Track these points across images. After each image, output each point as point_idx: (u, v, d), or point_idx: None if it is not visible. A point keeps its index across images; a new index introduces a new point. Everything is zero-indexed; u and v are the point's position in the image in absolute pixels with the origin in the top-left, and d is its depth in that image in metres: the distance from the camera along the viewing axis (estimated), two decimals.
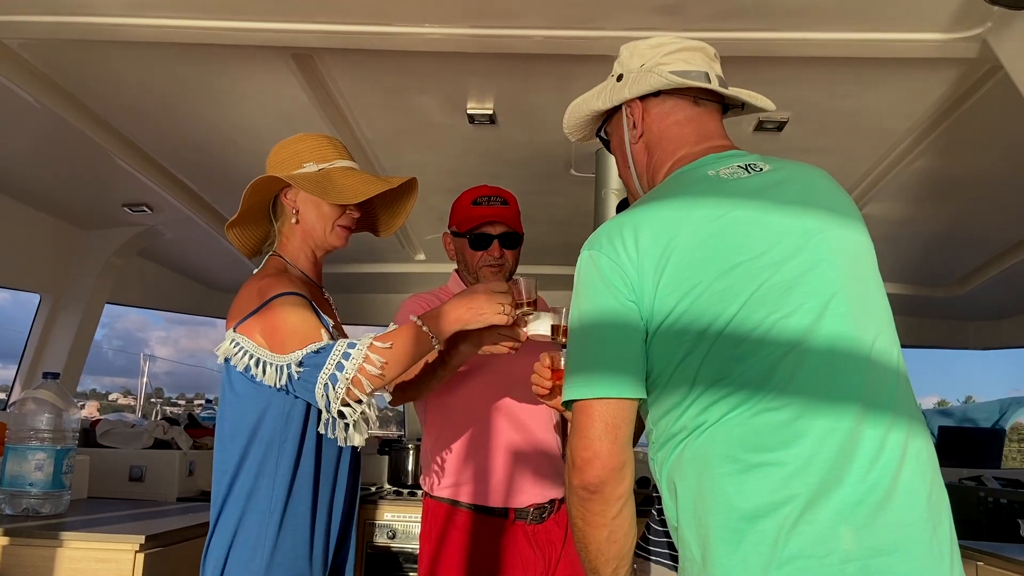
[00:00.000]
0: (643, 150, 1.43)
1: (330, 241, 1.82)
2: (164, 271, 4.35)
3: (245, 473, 1.64)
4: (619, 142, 1.48)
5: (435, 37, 2.09)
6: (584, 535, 1.22)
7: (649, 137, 1.42)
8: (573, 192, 3.19)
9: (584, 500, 1.19)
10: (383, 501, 3.69)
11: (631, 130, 1.44)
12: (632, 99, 1.43)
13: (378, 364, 1.56)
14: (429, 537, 2.16)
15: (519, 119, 2.67)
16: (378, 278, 4.38)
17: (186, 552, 2.44)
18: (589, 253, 1.26)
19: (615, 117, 1.48)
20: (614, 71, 1.49)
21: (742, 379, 1.13)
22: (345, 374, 1.54)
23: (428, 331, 1.64)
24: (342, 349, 1.56)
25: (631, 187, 1.48)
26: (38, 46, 2.22)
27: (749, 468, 1.10)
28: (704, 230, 1.21)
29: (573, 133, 1.59)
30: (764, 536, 1.07)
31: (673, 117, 1.41)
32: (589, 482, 1.18)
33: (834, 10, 1.93)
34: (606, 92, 1.47)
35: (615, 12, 1.99)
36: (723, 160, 1.34)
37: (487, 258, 2.22)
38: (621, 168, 1.50)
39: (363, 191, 1.76)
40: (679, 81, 1.39)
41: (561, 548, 2.18)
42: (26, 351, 3.62)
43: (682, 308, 1.17)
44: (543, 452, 2.21)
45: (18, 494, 2.54)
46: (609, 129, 1.51)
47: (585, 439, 1.19)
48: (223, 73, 2.39)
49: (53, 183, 3.16)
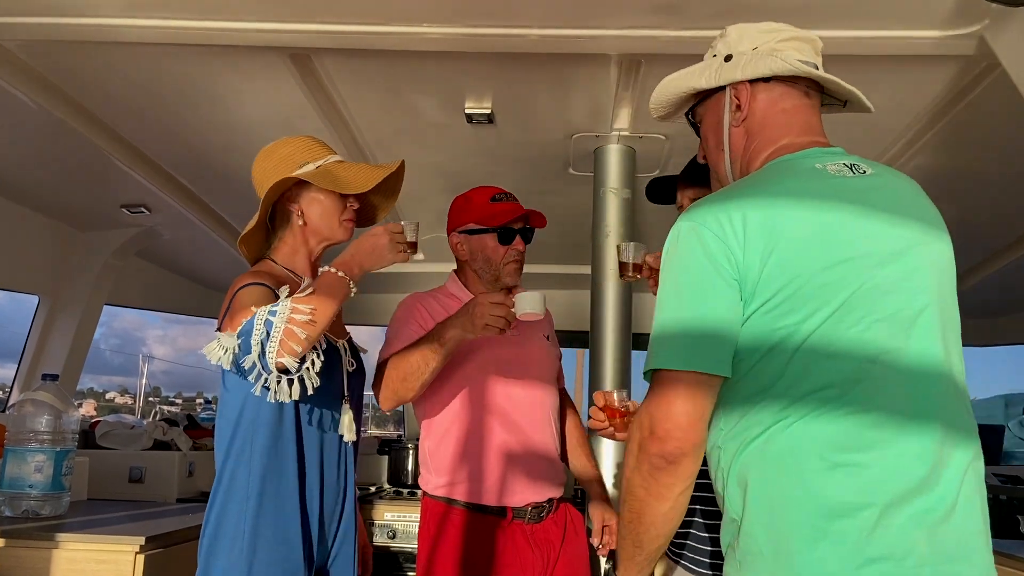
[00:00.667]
0: (743, 134, 1.39)
1: (338, 235, 1.89)
2: (162, 272, 4.34)
3: (230, 463, 1.70)
4: (715, 123, 1.43)
5: (433, 37, 2.09)
6: (643, 506, 1.21)
7: (752, 122, 1.39)
8: (571, 191, 3.20)
9: (657, 470, 1.18)
10: (383, 501, 3.69)
11: (733, 112, 1.40)
12: (741, 81, 1.38)
13: (306, 311, 1.58)
14: (427, 536, 2.16)
15: (517, 118, 2.67)
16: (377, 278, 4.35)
17: (186, 553, 2.43)
18: (692, 224, 1.23)
19: (712, 98, 1.44)
20: (717, 51, 1.44)
21: (833, 377, 1.14)
22: (275, 329, 1.55)
23: (341, 274, 1.69)
24: (266, 309, 1.59)
25: (720, 170, 1.44)
26: (36, 47, 2.22)
27: (835, 467, 1.12)
28: (812, 222, 1.20)
29: (660, 109, 1.54)
30: (846, 536, 1.10)
31: (781, 105, 1.38)
32: (669, 452, 1.16)
33: (832, 8, 1.93)
34: (711, 71, 1.42)
35: (613, 11, 1.99)
36: (829, 156, 1.33)
37: (512, 253, 2.24)
38: (711, 150, 1.45)
39: (369, 179, 1.82)
40: (804, 69, 1.37)
41: (559, 547, 2.18)
42: (25, 352, 3.62)
43: (782, 296, 1.16)
44: (541, 451, 2.21)
45: (18, 496, 2.54)
46: (702, 110, 1.47)
47: (670, 409, 1.16)
48: (221, 74, 2.39)
49: (51, 184, 3.15)
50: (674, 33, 2.05)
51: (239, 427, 1.70)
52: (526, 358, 2.24)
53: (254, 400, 1.68)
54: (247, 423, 1.69)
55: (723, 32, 1.45)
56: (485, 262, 2.26)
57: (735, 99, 1.39)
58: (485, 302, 1.95)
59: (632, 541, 1.24)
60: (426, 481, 2.22)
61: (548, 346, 2.34)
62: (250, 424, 1.69)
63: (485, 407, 2.16)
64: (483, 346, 2.18)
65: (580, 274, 2.91)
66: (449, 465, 2.16)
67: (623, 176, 2.83)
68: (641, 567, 1.27)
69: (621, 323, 2.76)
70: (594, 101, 2.54)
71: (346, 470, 1.84)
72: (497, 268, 2.25)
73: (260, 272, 1.80)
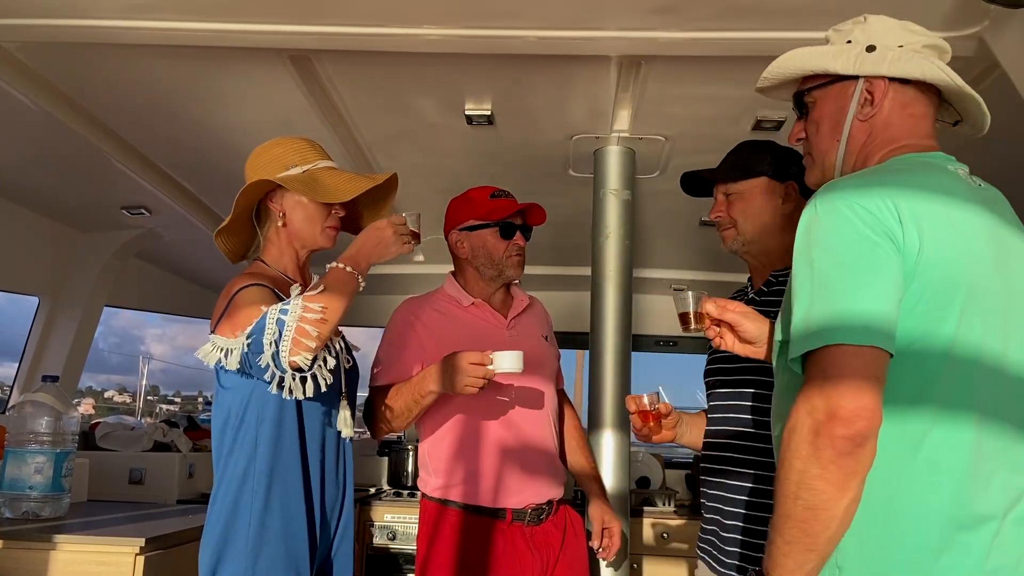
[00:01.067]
0: (866, 129, 1.35)
1: (319, 243, 1.88)
2: (162, 273, 4.34)
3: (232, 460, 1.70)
4: (835, 112, 1.37)
5: (432, 38, 2.09)
6: (822, 500, 1.08)
7: (878, 119, 1.34)
8: (571, 192, 3.20)
9: (843, 455, 1.07)
10: (383, 502, 3.69)
11: (862, 105, 1.34)
12: (882, 76, 1.33)
13: (318, 308, 1.59)
14: (425, 537, 2.16)
15: (517, 120, 2.67)
16: (376, 280, 4.36)
17: (186, 555, 2.44)
18: (843, 200, 1.16)
19: (838, 84, 1.37)
20: (853, 38, 1.38)
21: (975, 386, 1.13)
22: (287, 328, 1.56)
23: (350, 269, 1.70)
24: (277, 308, 1.60)
25: (828, 160, 1.38)
26: (36, 49, 2.22)
27: (972, 477, 1.11)
28: (956, 221, 1.17)
29: (772, 80, 1.47)
30: (970, 547, 1.09)
31: (910, 109, 1.34)
32: (857, 433, 1.06)
33: (831, 9, 1.93)
34: (849, 57, 1.35)
35: (612, 12, 2.00)
36: (952, 162, 1.31)
37: (513, 247, 2.25)
38: (821, 137, 1.39)
39: (351, 189, 1.81)
40: (958, 83, 1.33)
41: (559, 550, 2.17)
42: (25, 354, 3.62)
43: (930, 295, 1.13)
44: (540, 452, 2.20)
45: (18, 497, 2.54)
46: (820, 93, 1.39)
47: (852, 387, 1.07)
48: (220, 75, 2.39)
49: (51, 186, 3.16)
50: (674, 34, 2.05)
51: (243, 424, 1.71)
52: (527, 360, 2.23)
53: (257, 398, 1.69)
54: (251, 421, 1.70)
55: (861, 20, 1.39)
56: (487, 258, 2.26)
57: (868, 92, 1.34)
58: (464, 364, 1.93)
59: (804, 545, 1.10)
60: (425, 482, 2.22)
61: (546, 346, 2.34)
62: (254, 421, 1.70)
63: (483, 409, 2.15)
64: (484, 347, 2.16)
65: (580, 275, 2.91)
66: (447, 466, 2.16)
67: (623, 177, 2.83)
68: (812, 575, 1.12)
69: (621, 324, 2.76)
70: (594, 102, 2.54)
71: (345, 466, 1.85)
72: (500, 263, 2.25)
73: (256, 274, 1.80)
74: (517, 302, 2.34)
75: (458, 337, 2.15)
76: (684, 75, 2.33)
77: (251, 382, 1.70)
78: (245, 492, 1.68)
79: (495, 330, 2.25)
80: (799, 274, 1.18)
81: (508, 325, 2.28)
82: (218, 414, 1.76)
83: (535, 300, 2.44)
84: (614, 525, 2.25)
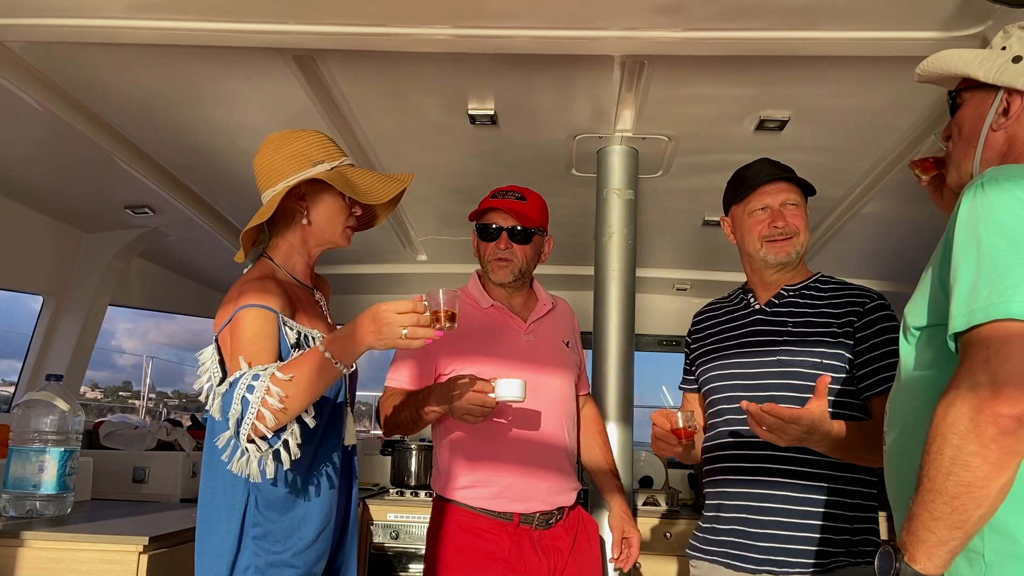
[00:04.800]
0: (1003, 139, 1.34)
1: (339, 242, 1.84)
2: (166, 273, 4.35)
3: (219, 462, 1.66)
4: (975, 118, 1.37)
5: (436, 38, 2.09)
6: (977, 478, 1.06)
7: (1015, 131, 1.33)
8: (574, 192, 3.20)
9: (1006, 434, 1.04)
10: (386, 501, 3.69)
11: (1000, 115, 1.34)
12: (1016, 88, 1.32)
13: (279, 398, 1.51)
14: (433, 536, 2.16)
15: (520, 119, 2.67)
16: (379, 279, 4.39)
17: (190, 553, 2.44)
18: (1010, 181, 1.15)
19: (982, 91, 1.37)
20: (1008, 45, 1.36)
21: None
22: (249, 412, 1.50)
23: (332, 358, 1.56)
24: (246, 383, 1.52)
25: (965, 167, 1.38)
26: (40, 49, 2.23)
27: None
28: None
29: (925, 76, 1.46)
30: None
31: None
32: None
33: (834, 9, 1.93)
34: (993, 65, 1.35)
35: (615, 12, 1.99)
36: None
37: (494, 250, 2.20)
38: (961, 140, 1.39)
39: (385, 191, 1.78)
40: None
41: (568, 556, 2.15)
42: (29, 353, 3.63)
43: None
44: (553, 460, 2.19)
45: (22, 496, 2.54)
46: (968, 95, 1.39)
47: (1021, 364, 1.05)
48: (224, 75, 2.39)
49: (55, 185, 3.16)
50: (677, 34, 2.05)
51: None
52: (543, 365, 2.22)
53: None
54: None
55: (1016, 28, 1.38)
56: (480, 260, 2.27)
57: (1006, 102, 1.33)
58: (465, 396, 1.93)
59: (952, 522, 1.07)
60: (436, 482, 2.22)
61: (566, 353, 2.30)
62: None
63: (499, 412, 2.12)
64: (500, 350, 2.18)
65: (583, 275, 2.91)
66: (459, 468, 2.16)
67: (626, 177, 2.83)
68: (954, 552, 1.10)
69: (624, 324, 2.76)
70: (597, 102, 2.54)
71: (350, 473, 1.83)
72: (485, 265, 2.24)
73: (265, 279, 1.72)
74: (540, 305, 2.30)
75: (474, 340, 2.14)
76: (687, 75, 2.33)
77: None
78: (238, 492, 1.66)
79: (512, 334, 2.22)
80: (962, 253, 1.15)
81: (526, 330, 2.24)
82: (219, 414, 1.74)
83: (560, 302, 2.38)
84: (633, 535, 2.22)
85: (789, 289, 1.97)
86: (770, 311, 1.97)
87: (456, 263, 4.32)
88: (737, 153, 2.61)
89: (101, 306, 3.74)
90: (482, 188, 3.41)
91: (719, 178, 2.14)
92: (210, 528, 1.69)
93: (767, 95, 2.43)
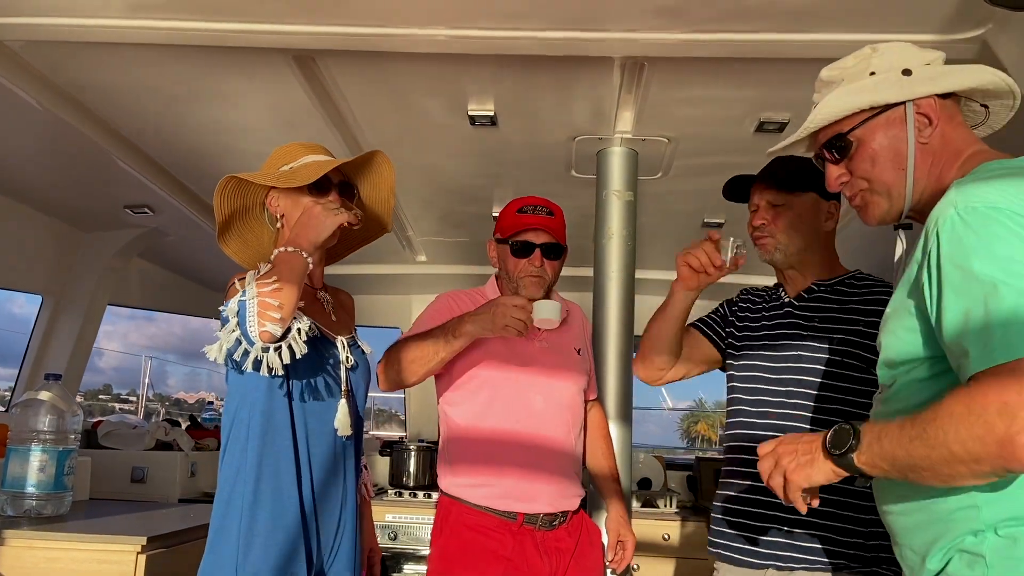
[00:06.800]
0: (929, 151, 1.34)
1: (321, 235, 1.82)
2: (165, 273, 4.35)
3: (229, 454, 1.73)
4: (889, 143, 1.35)
5: (436, 39, 2.09)
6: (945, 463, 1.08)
7: (943, 131, 1.34)
8: (574, 193, 3.20)
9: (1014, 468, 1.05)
10: (384, 502, 3.69)
11: (923, 128, 1.33)
12: (930, 95, 1.33)
13: (270, 282, 1.60)
14: (438, 532, 2.18)
15: (520, 121, 2.67)
16: (379, 279, 4.39)
17: (188, 553, 2.44)
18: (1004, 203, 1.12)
19: (881, 117, 1.36)
20: (878, 68, 1.38)
21: None
22: (249, 305, 1.58)
23: (290, 249, 1.67)
24: (236, 297, 1.62)
25: (897, 191, 1.36)
26: (40, 48, 2.23)
27: None
28: None
29: (811, 130, 1.46)
30: None
31: (956, 119, 1.36)
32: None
33: (834, 12, 1.94)
34: (893, 85, 1.35)
35: (615, 14, 2.00)
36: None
37: (528, 267, 2.22)
38: (882, 171, 1.36)
39: (314, 172, 1.78)
40: (1008, 82, 1.33)
41: (570, 558, 2.17)
42: (28, 352, 3.63)
43: None
44: (559, 464, 2.20)
45: (20, 495, 2.54)
46: (864, 130, 1.37)
47: None
48: (224, 75, 2.39)
49: (54, 185, 3.16)
50: (677, 36, 2.05)
51: (238, 422, 1.72)
52: (554, 370, 2.24)
53: (250, 393, 1.71)
54: (243, 417, 1.72)
55: (869, 51, 1.40)
56: (507, 274, 2.27)
57: (923, 115, 1.33)
58: (507, 303, 2.00)
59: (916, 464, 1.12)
60: (442, 479, 2.24)
61: (579, 360, 2.32)
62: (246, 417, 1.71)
63: (508, 414, 2.16)
64: (512, 354, 2.19)
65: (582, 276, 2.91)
66: (465, 466, 2.18)
67: (626, 179, 2.83)
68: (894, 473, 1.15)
69: (623, 326, 2.76)
70: (597, 104, 2.54)
71: (345, 465, 1.84)
72: (515, 280, 2.25)
73: None
74: None
75: (488, 342, 2.17)
76: (687, 76, 2.33)
77: (246, 379, 1.71)
78: (237, 486, 1.69)
79: (525, 340, 2.21)
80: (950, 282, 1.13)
81: (540, 337, 2.26)
82: (224, 414, 1.79)
83: (574, 308, 2.40)
84: (628, 539, 2.25)
85: (820, 284, 1.96)
86: (799, 305, 1.97)
87: (455, 264, 4.33)
88: (737, 155, 2.62)
89: (100, 306, 3.74)
90: (482, 189, 3.42)
91: (719, 180, 2.14)
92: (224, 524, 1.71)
93: (767, 97, 2.43)
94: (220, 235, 1.89)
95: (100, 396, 32.57)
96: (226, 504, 1.70)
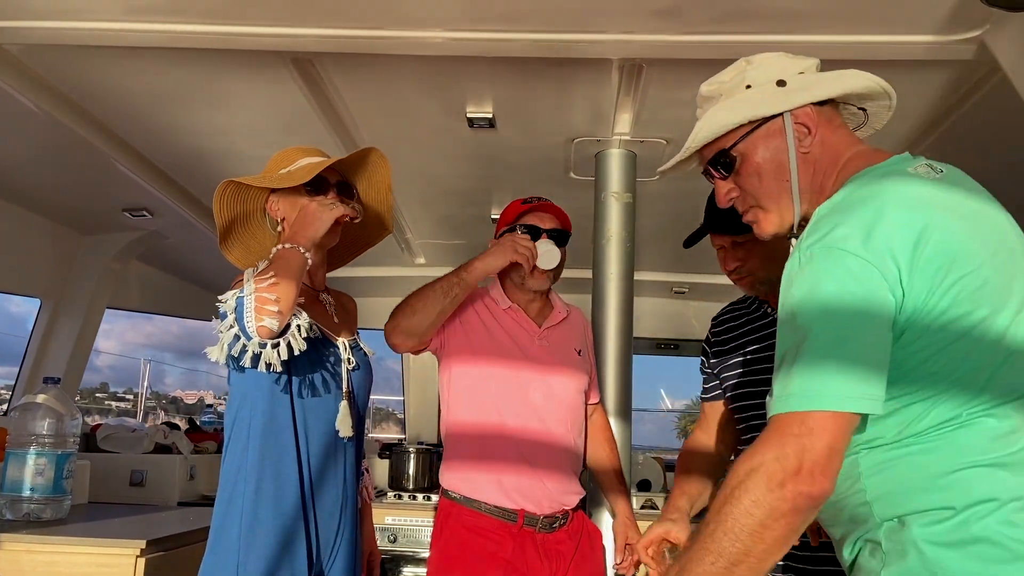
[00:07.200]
0: (811, 160, 1.33)
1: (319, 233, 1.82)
2: (164, 275, 4.35)
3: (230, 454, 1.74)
4: (770, 156, 1.34)
5: (434, 41, 2.09)
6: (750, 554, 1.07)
7: (823, 138, 1.33)
8: (573, 195, 3.19)
9: (797, 512, 1.06)
10: (383, 505, 3.69)
11: (803, 138, 1.33)
12: (806, 104, 1.33)
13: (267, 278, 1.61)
14: (438, 533, 2.18)
15: (518, 123, 2.67)
16: (377, 282, 4.39)
17: (187, 556, 2.44)
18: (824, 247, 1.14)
19: (759, 131, 1.35)
20: (753, 80, 1.38)
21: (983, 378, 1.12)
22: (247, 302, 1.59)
23: (289, 246, 1.69)
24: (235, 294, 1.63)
25: (784, 203, 1.34)
26: (39, 51, 2.23)
27: None
28: (952, 224, 1.14)
29: (693, 150, 1.43)
30: None
31: (835, 123, 1.36)
32: (819, 494, 1.06)
33: (831, 13, 1.94)
34: (768, 98, 1.35)
35: (614, 16, 2.00)
36: (906, 161, 1.28)
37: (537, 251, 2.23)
38: (766, 185, 1.35)
39: (310, 171, 1.78)
40: (881, 84, 1.36)
41: (570, 561, 2.16)
42: (27, 356, 3.63)
43: (943, 305, 1.11)
44: (560, 464, 2.20)
45: (18, 499, 2.54)
46: (745, 145, 1.36)
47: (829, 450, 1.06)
48: (223, 78, 2.39)
49: (53, 188, 3.16)
50: (675, 38, 2.06)
51: (239, 421, 1.73)
52: (554, 368, 2.24)
53: (251, 393, 1.71)
54: (245, 416, 1.72)
55: (744, 64, 1.41)
56: (515, 267, 2.24)
57: (801, 124, 1.33)
58: (514, 237, 2.16)
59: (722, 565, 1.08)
60: (444, 478, 2.24)
61: (579, 361, 2.32)
62: (247, 417, 1.72)
63: (509, 414, 2.16)
64: (514, 353, 2.20)
65: (581, 278, 2.91)
66: (467, 466, 2.18)
67: (624, 180, 2.83)
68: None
69: (622, 327, 2.76)
70: (595, 105, 2.54)
71: (346, 466, 1.83)
72: (523, 272, 2.23)
73: None
74: (555, 313, 2.33)
75: (488, 336, 2.19)
76: (685, 78, 2.32)
77: (247, 380, 1.72)
78: (239, 485, 1.70)
79: (526, 338, 2.25)
80: (784, 327, 1.17)
81: (540, 335, 2.26)
82: (226, 414, 1.79)
83: (574, 311, 2.41)
84: (636, 541, 2.24)
85: None
86: None
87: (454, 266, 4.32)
88: None
89: (99, 309, 3.74)
90: (480, 191, 3.42)
91: None
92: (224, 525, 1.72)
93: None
94: (222, 242, 1.89)
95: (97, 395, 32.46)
96: (227, 503, 1.71)
